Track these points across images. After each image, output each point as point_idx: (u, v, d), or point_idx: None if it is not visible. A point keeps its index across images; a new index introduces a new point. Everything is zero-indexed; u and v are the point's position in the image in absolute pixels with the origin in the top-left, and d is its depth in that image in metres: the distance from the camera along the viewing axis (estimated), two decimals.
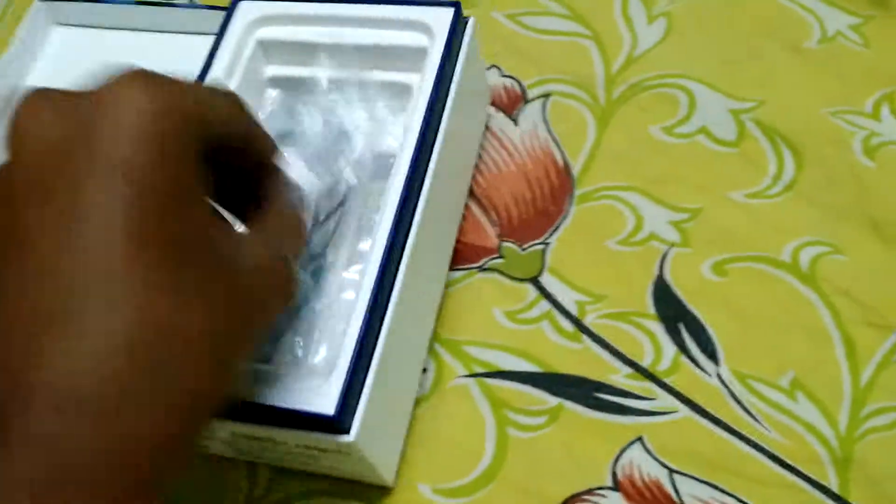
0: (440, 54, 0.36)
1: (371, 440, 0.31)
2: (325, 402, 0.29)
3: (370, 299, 0.31)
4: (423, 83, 0.36)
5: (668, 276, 0.38)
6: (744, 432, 0.34)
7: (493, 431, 0.35)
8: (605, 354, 0.36)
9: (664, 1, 0.46)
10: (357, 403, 0.30)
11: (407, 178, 0.33)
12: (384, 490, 0.34)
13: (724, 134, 0.41)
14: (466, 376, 0.37)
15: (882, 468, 0.33)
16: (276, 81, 0.40)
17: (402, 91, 0.38)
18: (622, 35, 0.45)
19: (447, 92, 0.36)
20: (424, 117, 0.35)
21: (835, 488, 0.33)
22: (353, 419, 0.29)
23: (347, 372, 0.29)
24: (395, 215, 0.32)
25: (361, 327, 0.30)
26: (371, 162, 0.37)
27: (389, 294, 0.32)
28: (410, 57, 0.37)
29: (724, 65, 0.43)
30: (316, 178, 0.35)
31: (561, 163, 0.42)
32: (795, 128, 0.41)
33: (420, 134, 0.34)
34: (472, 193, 0.41)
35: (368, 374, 0.30)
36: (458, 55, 0.37)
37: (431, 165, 0.35)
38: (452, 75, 0.37)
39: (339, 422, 0.29)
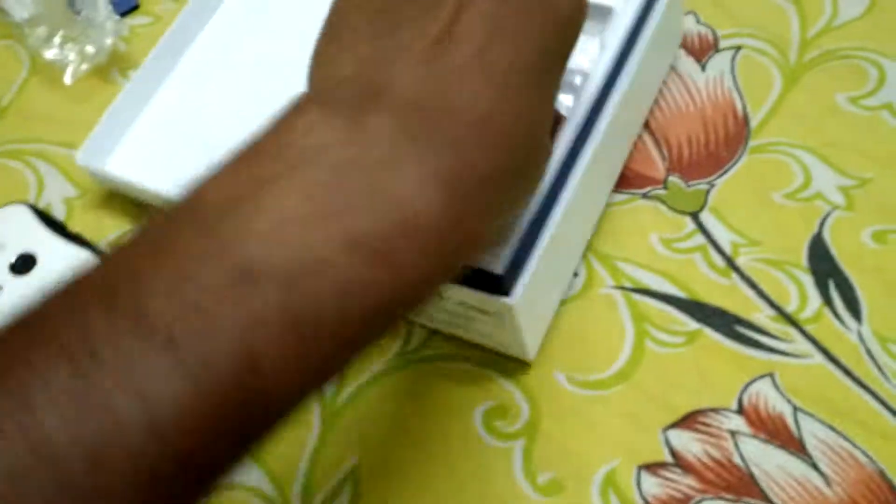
0: None
1: (526, 310, 0.34)
2: (494, 261, 0.32)
3: (549, 186, 0.34)
4: (626, 7, 0.38)
5: (827, 235, 0.39)
6: (873, 387, 0.35)
7: (631, 340, 0.38)
8: (751, 293, 0.38)
9: None
10: (522, 271, 0.33)
11: (597, 97, 0.36)
12: (524, 370, 0.38)
13: None
14: (615, 287, 0.39)
15: None
16: None
17: (603, 13, 0.40)
18: (824, 3, 0.46)
19: (644, 22, 0.38)
20: (622, 42, 0.37)
21: None
22: (517, 283, 0.33)
23: (519, 239, 0.32)
24: (582, 124, 0.35)
25: (538, 208, 0.33)
26: None
27: (563, 188, 0.35)
28: None
29: None
30: None
31: (741, 112, 0.43)
32: None
33: (617, 56, 0.37)
34: (647, 126, 0.43)
35: (535, 249, 0.33)
36: None
37: (619, 89, 0.37)
38: (653, 6, 0.39)
39: (504, 282, 0.32)
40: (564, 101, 0.40)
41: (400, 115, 0.23)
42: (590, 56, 0.39)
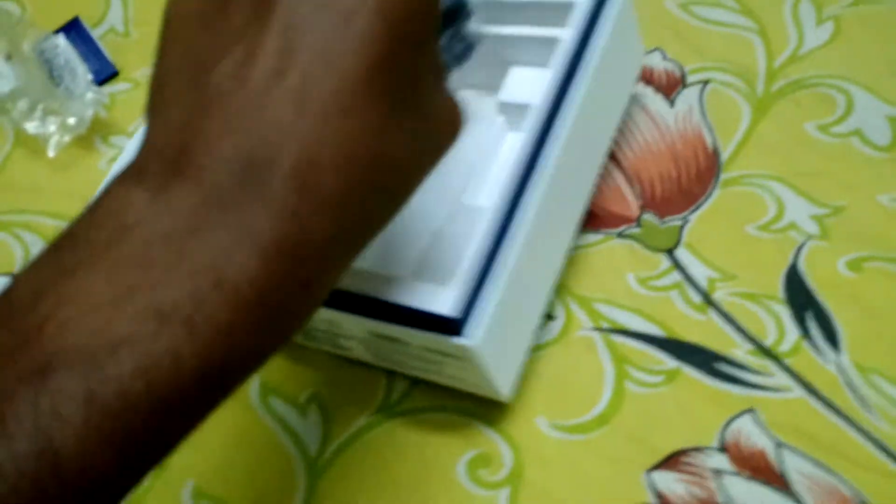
0: (589, 8, 0.38)
1: (489, 350, 0.34)
2: (446, 303, 0.32)
3: (499, 222, 0.34)
4: (569, 34, 0.38)
5: (803, 266, 0.39)
6: (854, 419, 0.35)
7: (611, 382, 0.38)
8: (729, 329, 0.38)
9: (836, 5, 0.47)
10: (476, 310, 0.33)
11: (542, 127, 0.36)
12: (506, 417, 0.38)
13: (879, 138, 0.42)
14: (593, 329, 0.39)
15: None
16: None
17: (550, 43, 0.40)
18: (789, 33, 0.46)
19: (587, 50, 0.38)
20: (563, 69, 0.37)
21: None
22: (472, 324, 0.33)
23: (474, 278, 0.33)
24: (527, 156, 0.35)
25: (490, 243, 0.33)
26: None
27: (511, 220, 0.35)
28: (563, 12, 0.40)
29: (887, 73, 0.44)
30: None
31: (710, 147, 0.43)
32: None
33: (559, 85, 0.37)
34: (619, 165, 0.44)
35: (489, 287, 0.34)
36: (606, 16, 0.39)
37: (566, 118, 0.37)
38: (595, 32, 0.39)
39: (458, 323, 0.32)
40: (513, 139, 0.40)
41: (206, 182, 0.21)
42: (538, 89, 0.39)
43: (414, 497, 0.37)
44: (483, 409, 0.38)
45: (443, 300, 0.33)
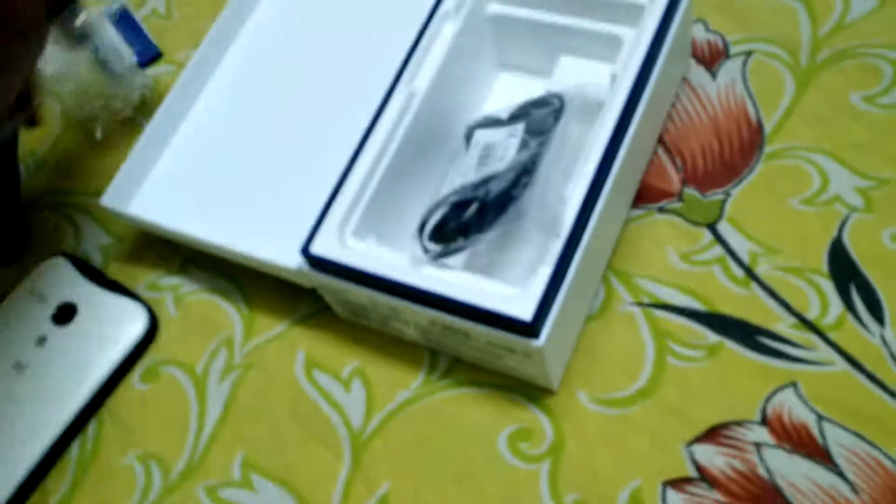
0: (661, 13, 0.38)
1: (553, 348, 0.34)
2: (524, 308, 0.33)
3: (572, 227, 0.34)
4: (640, 36, 0.38)
5: (847, 239, 0.39)
6: None
7: (652, 356, 0.38)
8: (772, 303, 0.38)
9: None
10: (549, 314, 0.34)
11: (616, 125, 0.36)
12: (546, 392, 0.38)
13: None
14: (633, 304, 0.39)
15: None
16: (495, 19, 0.44)
17: (612, 41, 0.40)
18: (834, 1, 0.45)
19: (659, 50, 0.39)
20: (639, 71, 0.37)
21: None
22: (544, 327, 0.33)
23: (546, 284, 0.33)
24: (600, 160, 0.35)
25: (562, 249, 0.34)
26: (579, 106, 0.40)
27: (586, 224, 0.35)
28: (622, 10, 0.40)
29: None
30: None
31: (754, 119, 0.43)
32: None
33: (633, 86, 0.37)
34: (660, 139, 0.43)
35: (561, 289, 0.34)
36: (673, 16, 0.39)
37: (637, 114, 0.37)
38: (667, 33, 0.39)
39: (533, 327, 0.33)
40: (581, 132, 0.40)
41: None
42: (602, 84, 0.39)
43: (456, 469, 0.37)
44: (524, 385, 0.38)
45: (521, 302, 0.33)
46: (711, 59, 0.45)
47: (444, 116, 0.42)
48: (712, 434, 0.36)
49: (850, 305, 0.37)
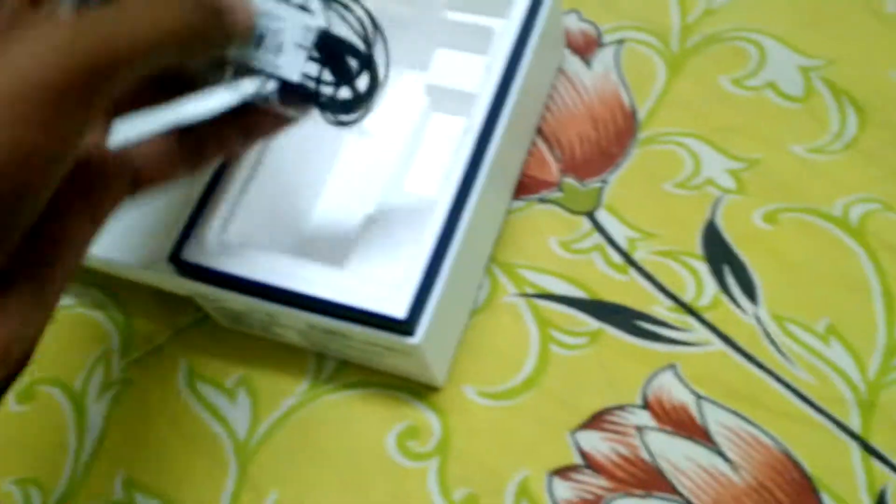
0: (528, 3, 0.38)
1: (432, 344, 0.34)
2: (397, 306, 0.32)
3: (444, 222, 0.34)
4: (508, 27, 0.38)
5: (720, 221, 0.40)
6: (773, 369, 0.36)
7: (536, 346, 0.38)
8: (649, 287, 0.39)
9: None
10: (424, 310, 0.33)
11: (486, 116, 0.36)
12: (433, 388, 0.38)
13: (792, 90, 0.42)
14: (518, 295, 0.39)
15: None
16: None
17: (484, 33, 0.40)
18: None
19: (528, 39, 0.38)
20: (506, 60, 0.37)
21: (856, 429, 0.35)
22: (419, 324, 0.33)
23: (419, 281, 0.33)
24: (472, 152, 0.35)
25: (434, 245, 0.33)
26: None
27: (459, 218, 0.35)
28: (496, 2, 0.39)
29: (799, 23, 0.44)
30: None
31: (628, 106, 0.43)
32: (863, 88, 0.42)
33: (502, 77, 0.37)
34: (539, 130, 0.44)
35: (436, 285, 0.33)
36: (540, 6, 0.39)
37: (508, 105, 0.37)
38: (535, 23, 0.39)
39: (407, 324, 0.32)
40: (456, 124, 0.40)
41: None
42: (475, 76, 0.39)
43: (343, 474, 0.37)
44: (411, 383, 0.38)
45: (394, 300, 0.32)
46: (586, 47, 0.46)
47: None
48: (596, 420, 0.36)
49: (724, 286, 0.38)
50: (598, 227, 0.41)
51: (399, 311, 0.32)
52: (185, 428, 0.39)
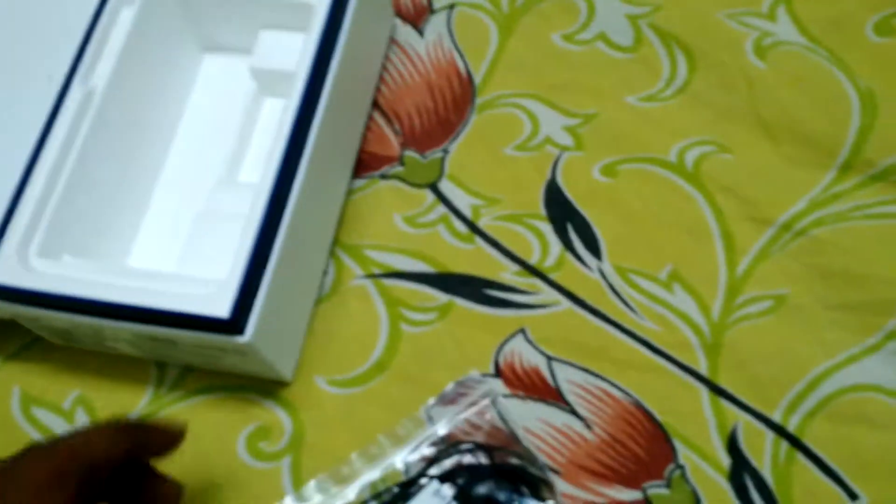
0: None
1: (268, 340, 0.33)
2: (220, 305, 0.31)
3: (265, 211, 0.32)
4: (319, 2, 0.36)
5: (560, 179, 0.39)
6: (619, 321, 0.36)
7: (386, 326, 0.37)
8: (496, 253, 0.38)
9: None
10: (252, 306, 0.32)
11: (303, 95, 0.35)
12: (283, 384, 0.36)
13: (622, 39, 0.42)
14: (364, 277, 0.38)
15: (750, 352, 0.35)
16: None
17: (304, 9, 0.38)
18: None
19: (343, 9, 0.37)
20: (320, 35, 0.36)
21: (704, 371, 0.35)
22: (248, 321, 0.31)
23: (242, 276, 0.31)
24: (290, 135, 0.34)
25: (256, 237, 0.32)
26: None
27: (285, 203, 0.33)
28: None
29: None
30: None
31: (464, 72, 0.43)
32: (690, 31, 0.42)
33: (316, 52, 0.35)
34: (376, 104, 0.42)
35: (264, 278, 0.32)
36: None
37: (329, 81, 0.36)
38: None
39: (233, 324, 0.31)
40: (270, 104, 0.39)
41: None
42: (295, 54, 0.37)
43: (196, 485, 0.35)
44: (258, 381, 0.36)
45: (217, 300, 0.31)
46: (417, 15, 0.44)
47: (139, 111, 0.39)
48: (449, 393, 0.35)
49: (568, 244, 0.38)
50: (442, 199, 0.40)
51: (222, 310, 0.31)
52: None
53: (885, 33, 0.41)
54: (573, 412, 0.34)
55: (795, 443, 0.33)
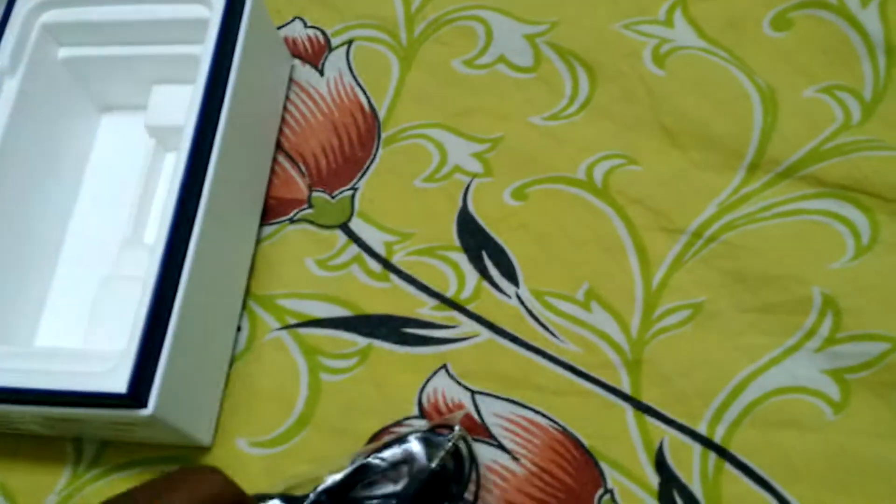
0: (218, 22, 0.36)
1: (176, 409, 0.32)
2: (117, 381, 0.30)
3: (158, 275, 0.31)
4: (203, 53, 0.36)
5: (472, 207, 0.39)
6: (540, 347, 0.35)
7: (305, 378, 0.36)
8: (412, 289, 0.38)
9: None
10: (153, 377, 0.31)
11: (191, 148, 0.34)
12: (203, 449, 0.35)
13: (522, 60, 0.42)
14: (280, 328, 0.37)
15: (672, 365, 0.35)
16: (70, 63, 0.40)
17: (190, 62, 0.38)
18: None
19: (229, 57, 0.36)
20: (205, 87, 0.35)
21: (627, 389, 0.34)
22: (149, 393, 0.30)
23: (139, 347, 0.30)
24: (182, 184, 0.33)
25: (151, 303, 0.31)
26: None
27: (182, 262, 0.32)
28: (195, 28, 0.37)
29: None
30: None
31: (367, 107, 0.42)
32: (588, 46, 0.41)
33: (202, 104, 0.35)
34: (280, 148, 0.42)
35: (164, 346, 0.31)
36: (237, 21, 0.37)
37: (220, 131, 0.35)
38: (234, 41, 0.37)
39: (134, 398, 0.30)
40: (168, 161, 0.38)
41: None
42: (185, 108, 0.36)
43: None
44: (179, 449, 0.35)
45: (115, 375, 0.30)
46: (315, 54, 0.44)
47: (35, 182, 0.38)
48: (374, 442, 0.35)
49: (484, 273, 0.37)
50: (354, 238, 0.39)
51: (120, 385, 0.30)
52: None
53: (782, 27, 0.41)
54: (500, 446, 0.34)
55: (723, 453, 0.33)
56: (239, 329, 0.38)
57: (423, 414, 0.35)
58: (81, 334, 0.36)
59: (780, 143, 0.38)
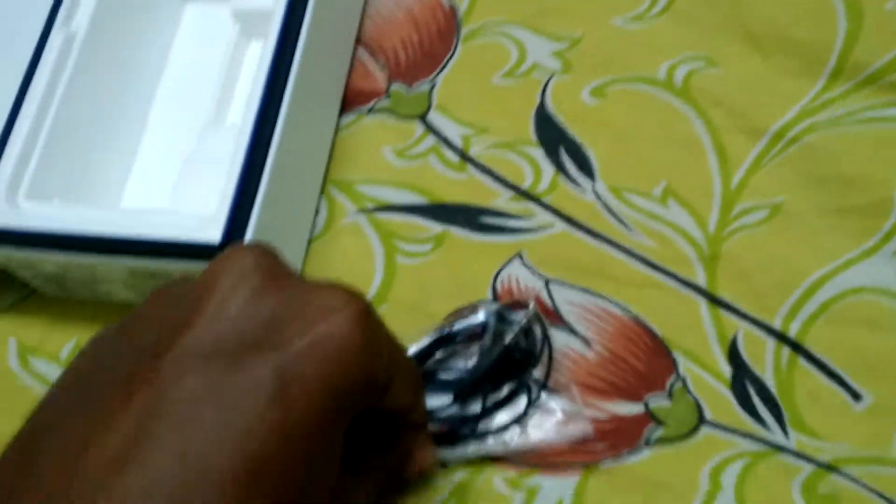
0: None
1: None
2: (212, 232, 0.31)
3: (249, 146, 0.32)
4: None
5: (550, 104, 0.39)
6: (615, 239, 0.36)
7: (381, 261, 0.37)
8: (488, 181, 0.38)
9: None
10: (244, 234, 0.31)
11: (280, 33, 0.34)
12: None
13: None
14: (357, 212, 0.38)
15: (748, 262, 0.35)
16: None
17: None
18: None
19: None
20: None
21: (702, 283, 0.35)
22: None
23: (230, 209, 0.31)
24: (270, 69, 0.33)
25: (242, 170, 0.32)
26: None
27: (269, 142, 0.33)
28: None
29: None
30: None
31: (447, 4, 0.42)
32: None
33: None
34: (360, 40, 0.42)
35: (253, 211, 0.32)
36: None
37: (307, 19, 0.35)
38: None
39: (223, 249, 0.31)
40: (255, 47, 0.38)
41: None
42: None
43: None
44: None
45: (205, 228, 0.31)
46: None
47: (121, 56, 0.39)
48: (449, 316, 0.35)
49: (560, 167, 0.38)
50: (432, 129, 0.39)
51: (214, 236, 0.30)
52: (21, 408, 0.36)
53: None
54: (573, 331, 0.34)
55: (797, 348, 0.33)
56: (317, 213, 0.38)
57: (496, 299, 0.35)
58: (164, 204, 0.37)
59: (864, 51, 0.38)
